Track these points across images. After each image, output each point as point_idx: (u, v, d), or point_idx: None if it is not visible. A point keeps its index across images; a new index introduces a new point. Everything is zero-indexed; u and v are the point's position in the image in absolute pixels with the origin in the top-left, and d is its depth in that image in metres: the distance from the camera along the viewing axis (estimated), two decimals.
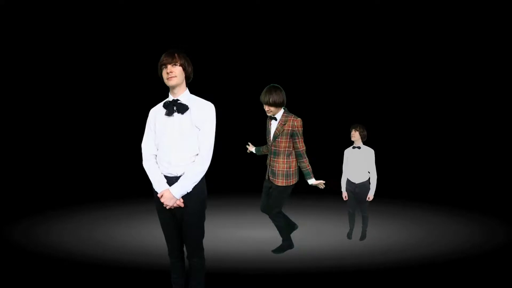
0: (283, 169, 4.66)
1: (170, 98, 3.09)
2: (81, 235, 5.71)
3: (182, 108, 3.03)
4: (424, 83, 9.30)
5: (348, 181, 5.50)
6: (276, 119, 4.68)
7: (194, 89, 3.23)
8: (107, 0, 8.53)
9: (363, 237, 5.51)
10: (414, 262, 4.65)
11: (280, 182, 4.67)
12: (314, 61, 9.20)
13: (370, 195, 5.45)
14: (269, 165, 4.77)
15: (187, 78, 3.10)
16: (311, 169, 4.71)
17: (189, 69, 3.09)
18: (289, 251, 4.99)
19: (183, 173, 3.02)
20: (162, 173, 3.07)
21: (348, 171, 5.51)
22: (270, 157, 4.75)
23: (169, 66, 3.01)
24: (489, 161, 8.89)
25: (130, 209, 7.07)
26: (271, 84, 4.69)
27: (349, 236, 5.58)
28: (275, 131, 4.67)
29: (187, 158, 3.03)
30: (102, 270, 4.42)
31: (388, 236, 5.71)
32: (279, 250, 4.95)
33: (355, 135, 5.40)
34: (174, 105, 3.04)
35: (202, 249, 3.28)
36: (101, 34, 8.82)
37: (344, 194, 5.56)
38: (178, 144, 3.02)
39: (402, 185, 8.42)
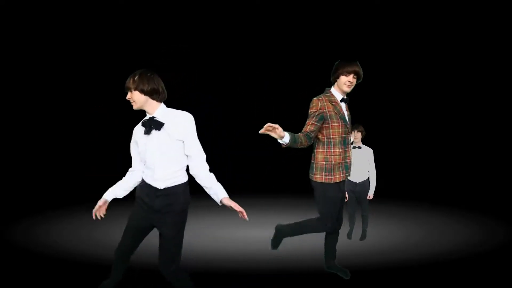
0: None
1: (147, 116, 3.10)
2: (81, 235, 5.70)
3: (158, 125, 3.04)
4: (424, 83, 9.29)
5: (349, 180, 5.50)
6: (345, 101, 3.93)
7: (195, 89, 3.25)
8: (103, 1, 8.52)
9: (363, 237, 5.51)
10: (414, 262, 4.65)
11: None
12: (313, 61, 9.19)
13: (371, 194, 5.49)
14: (347, 158, 3.90)
15: (151, 97, 3.04)
16: None
17: (146, 88, 3.01)
18: (290, 251, 4.98)
19: (168, 187, 3.08)
20: (147, 182, 3.15)
21: None
22: (348, 148, 3.89)
23: (128, 93, 3.06)
24: (489, 161, 8.89)
25: (130, 209, 7.05)
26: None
27: (349, 236, 5.59)
28: (348, 114, 3.95)
29: (170, 173, 3.07)
30: (102, 270, 4.41)
31: (388, 236, 5.71)
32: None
33: (358, 136, 5.41)
34: (151, 123, 3.06)
35: (179, 261, 3.21)
36: (100, 37, 8.81)
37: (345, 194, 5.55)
38: (160, 161, 3.06)
39: (402, 185, 8.42)
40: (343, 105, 3.87)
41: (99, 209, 3.23)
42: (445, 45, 9.02)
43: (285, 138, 3.55)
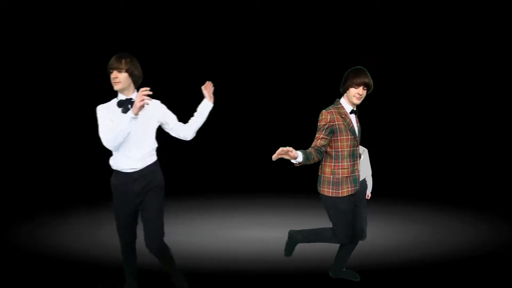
0: None
1: (122, 97, 3.20)
2: (85, 236, 5.72)
3: None
4: (431, 81, 9.28)
5: None
6: (355, 113, 3.79)
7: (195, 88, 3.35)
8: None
9: (363, 236, 5.48)
10: (417, 262, 4.64)
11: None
12: (315, 61, 9.20)
13: (369, 193, 5.47)
14: (356, 172, 3.80)
15: (134, 82, 3.21)
16: None
17: (136, 73, 3.19)
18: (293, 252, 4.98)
19: (146, 166, 3.24)
20: (121, 170, 3.22)
21: None
22: (356, 162, 3.79)
23: (115, 72, 3.14)
24: (495, 159, 8.84)
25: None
26: (358, 67, 3.81)
27: None
28: (358, 125, 3.82)
29: (146, 153, 3.23)
30: (106, 270, 4.42)
31: (393, 236, 5.68)
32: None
33: None
34: (129, 104, 3.14)
35: (163, 236, 3.40)
36: (100, 36, 8.80)
37: None
38: (137, 141, 3.17)
39: (407, 184, 8.38)
40: (353, 117, 3.74)
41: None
42: (444, 45, 9.02)
43: (298, 158, 3.47)
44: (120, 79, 3.12)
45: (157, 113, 3.24)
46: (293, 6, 8.91)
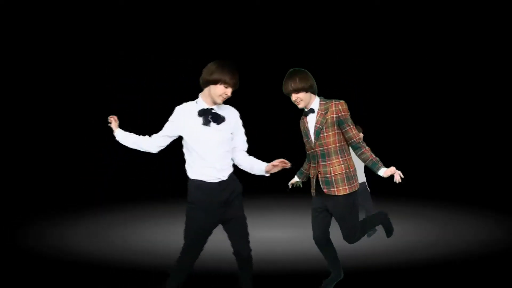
0: (341, 171, 3.50)
1: (204, 105, 3.11)
2: (95, 237, 5.72)
3: (220, 119, 3.09)
4: (435, 80, 9.29)
5: None
6: (313, 111, 3.57)
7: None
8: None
9: (370, 232, 5.44)
10: (426, 261, 4.64)
11: (342, 189, 3.49)
12: (315, 60, 9.19)
13: (366, 187, 5.50)
14: (316, 175, 3.57)
15: None
16: (376, 158, 3.50)
17: None
18: (293, 252, 4.95)
19: (229, 175, 3.16)
20: (207, 180, 3.13)
21: None
22: (318, 163, 3.55)
23: (229, 89, 3.04)
24: (505, 159, 8.84)
25: (139, 215, 7.03)
26: (292, 69, 3.62)
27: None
28: (315, 125, 3.51)
29: (228, 162, 3.16)
30: (115, 272, 4.41)
31: (403, 235, 5.62)
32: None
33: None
34: (210, 114, 3.07)
35: None
36: (102, 36, 8.77)
37: None
38: (220, 152, 3.10)
39: (418, 184, 8.36)
40: (310, 118, 3.57)
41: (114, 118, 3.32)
42: (447, 44, 9.04)
43: (298, 179, 3.81)
44: (229, 96, 3.07)
45: (233, 125, 3.17)
46: (294, 6, 8.91)
